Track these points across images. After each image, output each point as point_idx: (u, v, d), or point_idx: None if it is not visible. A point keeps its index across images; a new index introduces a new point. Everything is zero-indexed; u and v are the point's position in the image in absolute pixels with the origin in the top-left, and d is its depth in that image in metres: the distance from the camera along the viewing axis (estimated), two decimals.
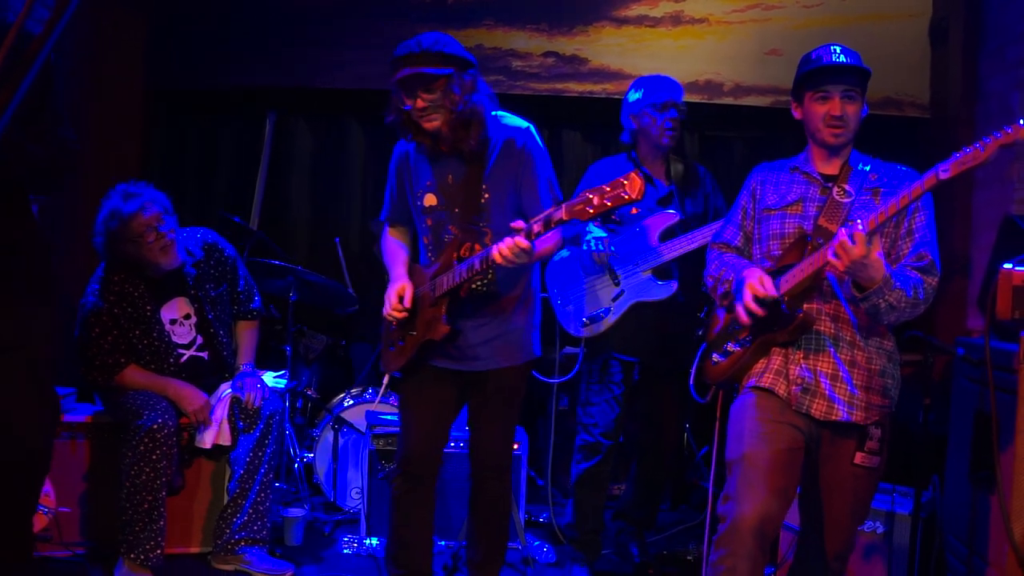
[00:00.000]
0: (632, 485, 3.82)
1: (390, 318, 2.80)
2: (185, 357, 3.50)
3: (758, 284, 2.45)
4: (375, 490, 3.78)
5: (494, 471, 2.93)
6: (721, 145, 5.18)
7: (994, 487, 2.63)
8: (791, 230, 2.55)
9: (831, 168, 2.58)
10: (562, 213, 2.34)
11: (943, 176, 2.13)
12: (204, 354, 3.55)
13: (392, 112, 2.74)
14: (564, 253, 3.66)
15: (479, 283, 2.64)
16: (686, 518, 4.33)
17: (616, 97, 4.68)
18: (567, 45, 5.02)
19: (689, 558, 3.76)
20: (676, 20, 5.01)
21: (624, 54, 5.00)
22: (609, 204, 2.24)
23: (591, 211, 2.27)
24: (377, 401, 4.11)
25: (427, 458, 2.90)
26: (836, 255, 2.23)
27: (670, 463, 3.85)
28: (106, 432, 3.44)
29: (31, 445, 2.37)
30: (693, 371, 2.77)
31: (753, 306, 2.44)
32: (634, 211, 3.46)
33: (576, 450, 3.61)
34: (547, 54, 5.04)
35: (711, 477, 2.84)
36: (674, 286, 3.46)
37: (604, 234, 3.50)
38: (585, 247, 3.49)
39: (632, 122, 3.57)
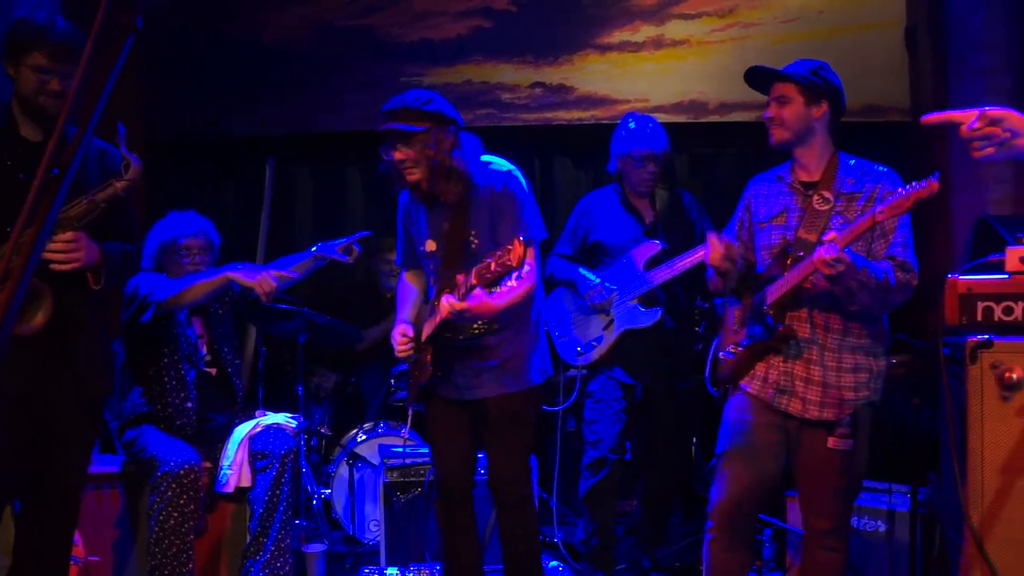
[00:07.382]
0: (640, 503, 3.93)
1: (401, 356, 2.97)
2: (200, 364, 3.67)
3: (716, 241, 2.71)
4: (392, 521, 3.86)
5: (509, 497, 2.99)
6: (709, 162, 5.28)
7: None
8: (776, 241, 2.74)
9: (812, 175, 2.72)
10: (472, 278, 2.56)
11: (879, 218, 2.42)
12: (212, 371, 3.71)
13: (384, 164, 2.88)
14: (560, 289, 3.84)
15: (474, 328, 2.80)
16: (696, 530, 4.40)
17: (604, 123, 4.80)
18: (553, 75, 5.13)
19: (701, 568, 3.84)
20: (657, 44, 5.11)
21: (609, 80, 5.10)
22: (499, 271, 2.46)
23: (489, 277, 2.50)
24: (405, 433, 4.20)
25: (455, 482, 3.03)
26: (825, 276, 2.46)
27: (676, 480, 3.97)
28: (132, 481, 3.55)
29: (81, 484, 2.80)
30: (708, 364, 2.96)
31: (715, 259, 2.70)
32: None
33: (583, 468, 3.74)
34: (534, 85, 5.14)
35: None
36: (659, 313, 3.61)
37: (595, 277, 3.65)
38: (586, 300, 3.65)
39: (617, 161, 3.76)
